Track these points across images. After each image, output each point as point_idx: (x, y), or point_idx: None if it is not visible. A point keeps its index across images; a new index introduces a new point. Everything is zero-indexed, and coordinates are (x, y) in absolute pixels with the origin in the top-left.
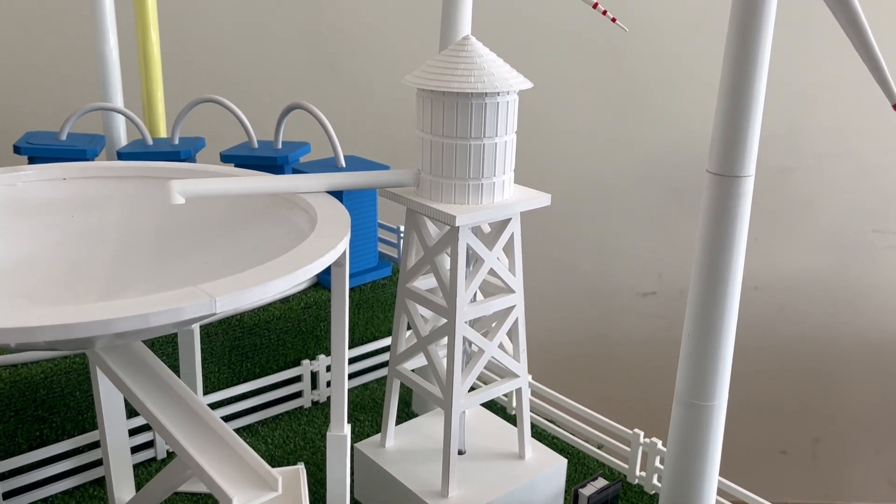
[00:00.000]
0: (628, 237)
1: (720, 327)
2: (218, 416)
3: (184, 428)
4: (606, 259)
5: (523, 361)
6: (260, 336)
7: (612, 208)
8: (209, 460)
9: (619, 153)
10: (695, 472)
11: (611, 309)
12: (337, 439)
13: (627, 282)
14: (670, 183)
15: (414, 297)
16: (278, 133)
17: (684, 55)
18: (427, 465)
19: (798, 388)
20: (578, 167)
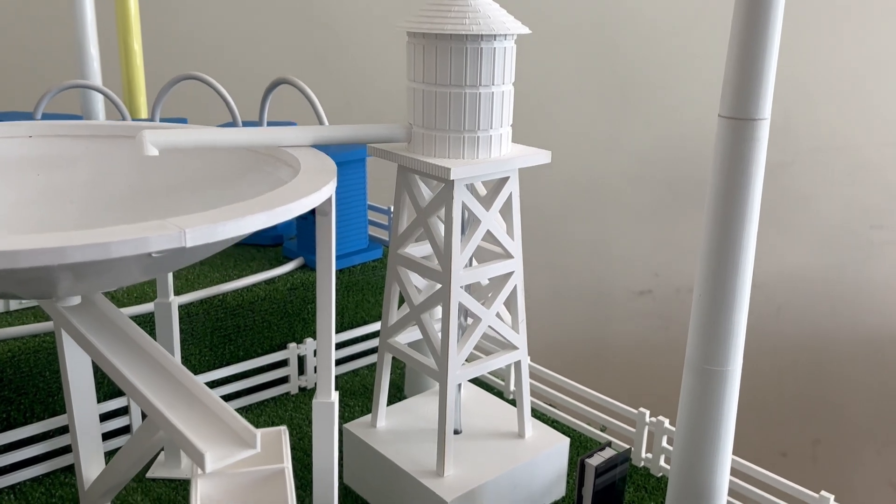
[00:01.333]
0: (623, 236)
1: (734, 285)
2: (193, 376)
3: (154, 385)
4: (601, 258)
5: (522, 332)
6: (243, 317)
7: (606, 206)
8: (180, 417)
9: (613, 151)
10: (707, 446)
11: (606, 309)
12: (323, 407)
13: (622, 281)
14: (665, 180)
15: (406, 263)
16: (263, 110)
17: (680, 53)
18: (420, 444)
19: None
20: (572, 165)
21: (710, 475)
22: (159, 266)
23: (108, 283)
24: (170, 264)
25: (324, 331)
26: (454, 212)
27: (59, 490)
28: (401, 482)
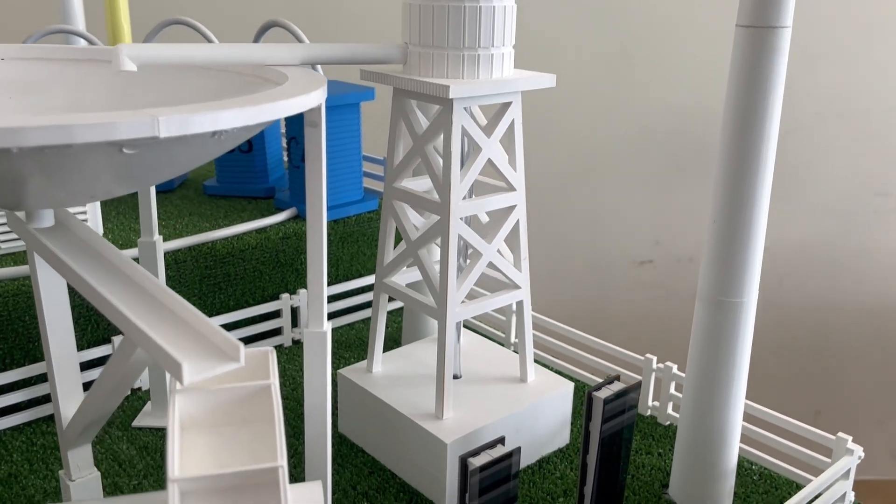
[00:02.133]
0: (623, 204)
1: (751, 208)
2: (175, 294)
3: (131, 302)
4: (601, 227)
5: (525, 271)
6: (234, 265)
7: (606, 174)
8: (159, 331)
9: (614, 117)
10: (721, 382)
11: (606, 279)
12: (315, 337)
13: (623, 250)
14: (668, 147)
15: (402, 197)
16: None
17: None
18: (418, 389)
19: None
20: (573, 132)
21: (722, 414)
22: (134, 170)
23: (79, 190)
24: (146, 170)
25: (314, 252)
26: (453, 136)
27: (41, 439)
28: (398, 426)
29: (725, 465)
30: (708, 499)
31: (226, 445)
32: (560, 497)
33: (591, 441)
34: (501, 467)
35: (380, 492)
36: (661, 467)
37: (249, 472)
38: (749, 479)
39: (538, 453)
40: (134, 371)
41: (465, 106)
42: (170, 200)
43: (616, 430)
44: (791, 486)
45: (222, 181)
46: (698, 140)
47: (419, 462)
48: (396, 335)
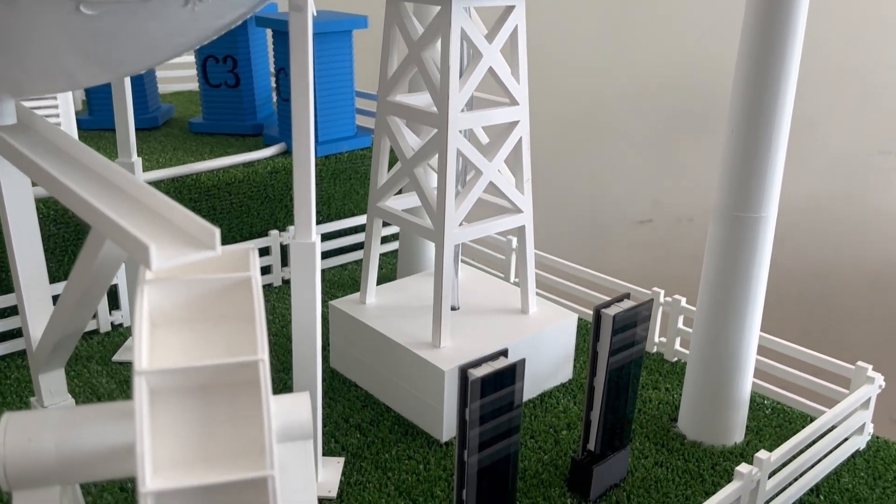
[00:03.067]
0: (622, 163)
1: (773, 114)
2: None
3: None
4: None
5: (527, 193)
6: (219, 199)
7: (605, 133)
8: (128, 219)
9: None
10: (735, 310)
11: (604, 239)
12: (303, 249)
13: (622, 210)
14: (667, 106)
15: (397, 111)
16: None
17: None
18: (414, 319)
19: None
20: (572, 88)
21: (737, 340)
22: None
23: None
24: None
25: (301, 158)
26: (452, 40)
27: (15, 373)
28: (393, 356)
29: (738, 396)
30: (719, 431)
31: (200, 342)
32: (563, 430)
33: (599, 363)
34: (505, 381)
35: (373, 424)
36: (668, 401)
37: (226, 367)
38: (761, 413)
39: (540, 387)
40: (105, 270)
41: (464, 6)
42: (153, 137)
43: (626, 351)
44: (805, 420)
45: (209, 118)
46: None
47: (415, 393)
48: (391, 276)
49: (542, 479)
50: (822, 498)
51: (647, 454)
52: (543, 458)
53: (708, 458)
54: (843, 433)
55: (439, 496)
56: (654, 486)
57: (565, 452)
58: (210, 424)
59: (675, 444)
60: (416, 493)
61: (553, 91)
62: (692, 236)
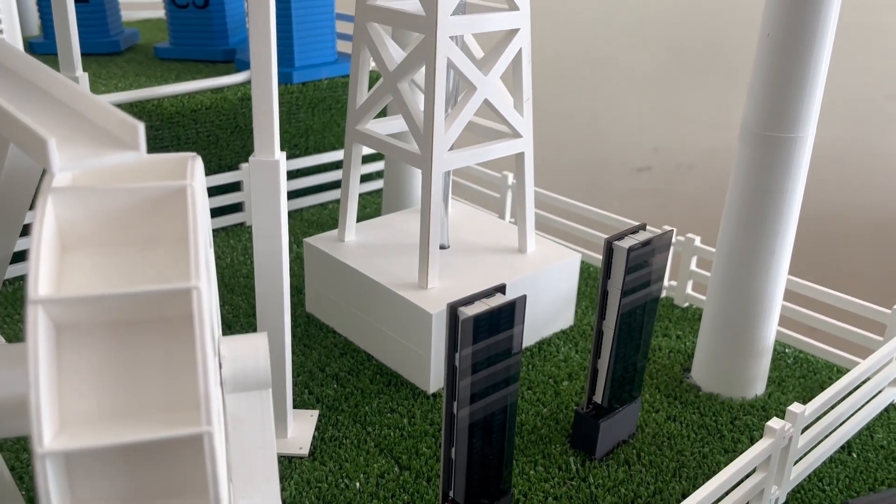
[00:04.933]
0: (622, 105)
1: (817, 20)
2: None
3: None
4: (598, 131)
5: (528, 116)
6: (184, 127)
7: (603, 72)
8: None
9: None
10: (762, 248)
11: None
12: (265, 167)
13: (621, 156)
14: (669, 42)
15: (378, 15)
16: None
17: None
18: (398, 259)
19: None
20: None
21: (762, 283)
22: None
23: None
24: None
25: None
26: None
27: None
28: (375, 299)
29: (761, 344)
30: (738, 383)
31: (123, 269)
32: (564, 380)
33: (610, 304)
34: (502, 322)
35: (352, 374)
36: (681, 350)
37: (152, 296)
38: (783, 363)
39: (538, 334)
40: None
41: None
42: (114, 62)
43: (640, 291)
44: (831, 370)
45: (176, 43)
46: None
47: (399, 339)
48: (375, 216)
49: (540, 434)
50: (854, 456)
51: (659, 408)
52: (542, 411)
53: (726, 411)
54: (877, 385)
55: (425, 453)
56: (668, 442)
57: (567, 405)
58: (135, 370)
59: (690, 397)
60: (398, 450)
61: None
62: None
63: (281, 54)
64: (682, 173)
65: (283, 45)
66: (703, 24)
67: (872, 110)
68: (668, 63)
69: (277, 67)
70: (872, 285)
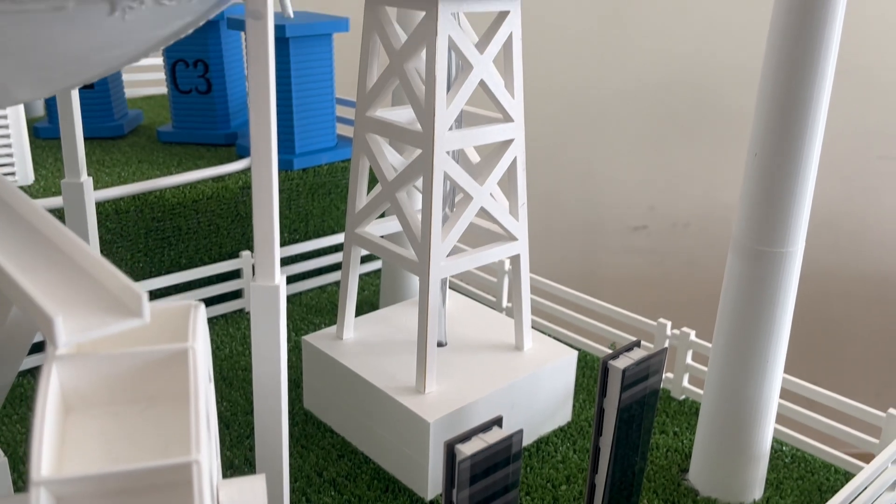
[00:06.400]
0: (618, 164)
1: (801, 137)
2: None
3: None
4: (594, 190)
5: (523, 220)
6: (186, 218)
7: (600, 131)
8: (36, 279)
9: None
10: (755, 356)
11: (599, 245)
12: (265, 292)
13: (616, 215)
14: (664, 105)
15: (377, 128)
16: None
17: None
18: (396, 357)
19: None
20: (564, 86)
21: (756, 388)
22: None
23: None
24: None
25: (262, 184)
26: (438, 49)
27: None
28: (372, 402)
29: (758, 448)
30: (735, 486)
31: (125, 431)
32: (562, 484)
33: (606, 421)
34: (498, 456)
35: (350, 479)
36: (678, 449)
37: (152, 471)
38: (780, 463)
39: (536, 432)
40: (18, 337)
41: (452, 11)
42: (117, 147)
43: (635, 408)
44: (829, 470)
45: (179, 126)
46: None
47: (397, 443)
48: (373, 300)
49: None
50: None
51: None
52: None
53: None
54: (876, 491)
55: None
56: None
57: None
58: None
59: (687, 502)
60: None
61: (545, 84)
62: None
63: (281, 141)
64: (677, 232)
65: (283, 132)
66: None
67: (866, 170)
68: (663, 124)
69: (278, 154)
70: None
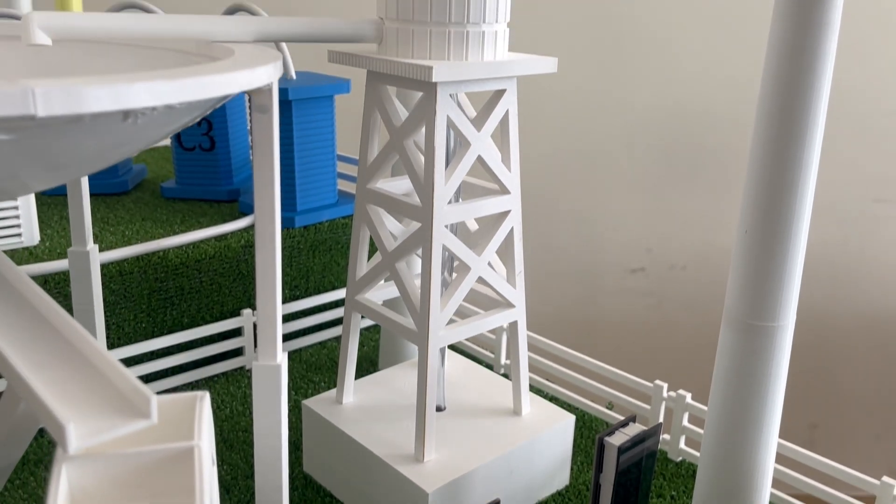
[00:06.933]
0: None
1: (790, 215)
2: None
3: (21, 342)
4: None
5: (520, 287)
6: (188, 278)
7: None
8: (46, 378)
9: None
10: (749, 425)
11: (596, 288)
12: (267, 372)
13: (614, 258)
14: (661, 147)
15: (377, 200)
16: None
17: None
18: (396, 424)
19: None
20: (561, 130)
21: (752, 457)
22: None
23: None
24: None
25: (266, 266)
26: (437, 129)
27: None
28: (371, 470)
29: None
30: None
31: None
32: None
33: (602, 496)
34: None
35: None
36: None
37: None
38: None
39: (534, 497)
40: (25, 425)
41: (450, 92)
42: (122, 203)
43: (631, 482)
44: None
45: (182, 182)
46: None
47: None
48: (373, 355)
49: None
50: None
51: None
52: None
53: None
54: None
55: None
56: None
57: None
58: None
59: None
60: None
61: (543, 131)
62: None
63: (283, 199)
64: (675, 274)
65: (285, 190)
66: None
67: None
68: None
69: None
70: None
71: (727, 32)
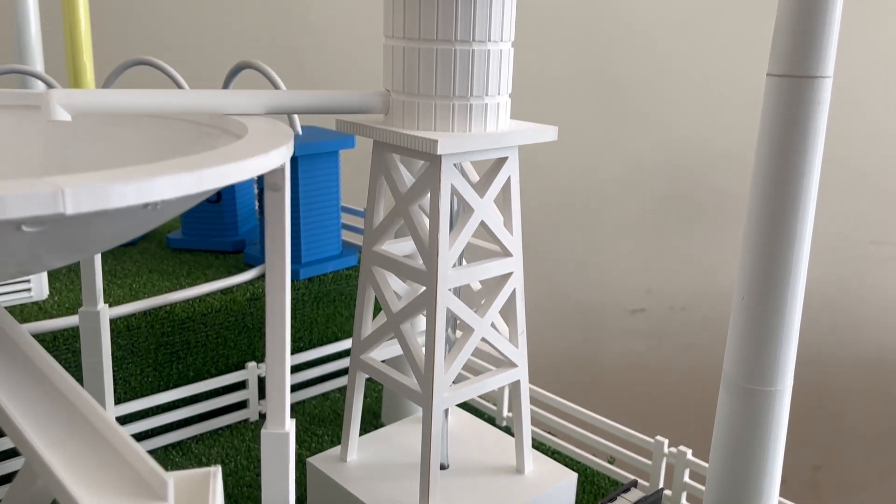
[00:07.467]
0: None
1: (786, 283)
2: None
3: (39, 418)
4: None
5: (522, 347)
6: (194, 332)
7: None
8: (66, 457)
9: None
10: (750, 487)
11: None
12: (275, 439)
13: (614, 298)
14: (660, 191)
15: (383, 262)
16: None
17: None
18: (400, 483)
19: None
20: (561, 173)
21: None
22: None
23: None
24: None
25: (275, 337)
26: (441, 196)
27: None
28: None
29: None
30: None
31: None
32: None
33: None
34: None
35: None
36: None
37: None
38: None
39: None
40: (40, 499)
41: (454, 162)
42: (129, 255)
43: None
44: None
45: (188, 234)
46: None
47: None
48: (376, 407)
49: None
50: None
51: None
52: None
53: None
54: None
55: None
56: None
57: None
58: None
59: None
60: None
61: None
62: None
63: None
64: (675, 314)
65: (290, 243)
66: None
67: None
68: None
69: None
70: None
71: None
